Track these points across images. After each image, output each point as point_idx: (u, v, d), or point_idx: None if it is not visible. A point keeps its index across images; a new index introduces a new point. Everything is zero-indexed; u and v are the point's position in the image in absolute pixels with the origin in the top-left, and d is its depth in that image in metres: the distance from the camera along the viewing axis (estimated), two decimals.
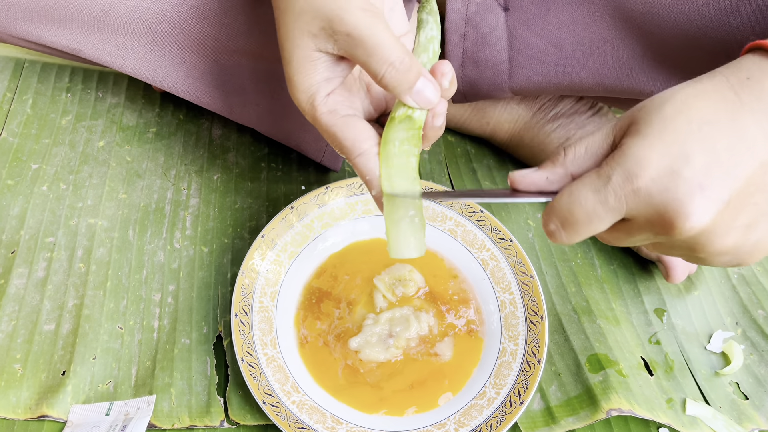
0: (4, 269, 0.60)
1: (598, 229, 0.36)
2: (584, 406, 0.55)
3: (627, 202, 0.34)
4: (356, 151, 0.42)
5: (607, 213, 0.35)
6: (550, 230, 0.37)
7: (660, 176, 0.33)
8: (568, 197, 0.36)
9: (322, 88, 0.42)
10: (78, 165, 0.68)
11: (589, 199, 0.35)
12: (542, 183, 0.38)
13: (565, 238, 0.37)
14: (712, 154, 0.33)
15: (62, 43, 0.57)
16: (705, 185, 0.33)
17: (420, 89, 0.41)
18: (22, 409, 0.53)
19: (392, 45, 0.39)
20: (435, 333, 0.58)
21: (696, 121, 0.34)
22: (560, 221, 0.36)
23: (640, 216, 0.35)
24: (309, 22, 0.40)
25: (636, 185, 0.34)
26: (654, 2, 0.52)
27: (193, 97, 0.62)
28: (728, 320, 0.62)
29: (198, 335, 0.58)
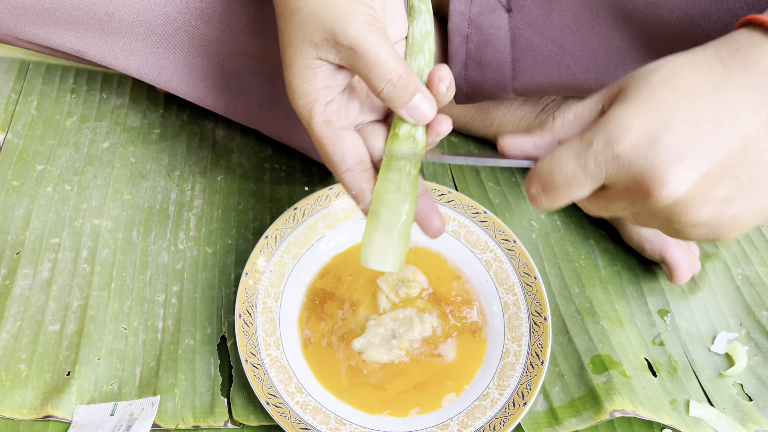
0: (9, 270, 0.61)
1: (578, 195, 0.36)
2: (588, 408, 0.55)
3: (606, 167, 0.34)
4: (343, 166, 0.43)
5: (586, 178, 0.35)
6: (531, 194, 0.37)
7: (640, 143, 0.33)
8: (550, 161, 0.36)
9: (322, 96, 0.42)
10: (82, 166, 0.69)
11: (569, 163, 0.35)
12: (529, 148, 0.38)
13: (545, 202, 0.37)
14: (694, 124, 0.33)
15: (67, 45, 0.58)
16: (684, 154, 0.33)
17: (416, 104, 0.42)
18: (27, 410, 0.53)
19: (393, 62, 0.40)
20: (438, 334, 0.58)
21: (681, 91, 0.34)
22: (541, 185, 0.36)
23: (619, 182, 0.34)
24: (312, 32, 0.40)
25: (616, 151, 0.34)
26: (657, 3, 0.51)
27: (196, 99, 0.62)
28: (732, 321, 0.62)
29: (202, 336, 0.58)
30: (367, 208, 0.44)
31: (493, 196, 0.70)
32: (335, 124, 0.43)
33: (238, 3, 0.55)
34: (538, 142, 0.38)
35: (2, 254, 0.61)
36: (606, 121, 0.34)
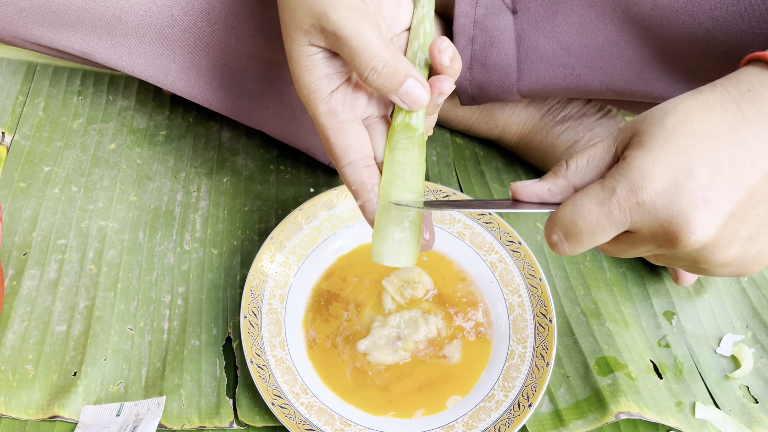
0: (17, 271, 0.61)
1: (601, 241, 0.36)
2: (593, 409, 0.55)
3: (631, 214, 0.34)
4: (345, 160, 0.43)
5: (611, 225, 0.35)
6: (552, 241, 0.37)
7: (664, 189, 0.33)
8: (572, 209, 0.36)
9: (323, 85, 0.42)
10: (89, 167, 0.69)
11: (593, 211, 0.35)
12: (544, 194, 0.38)
13: (568, 249, 0.37)
14: (715, 166, 0.33)
15: (74, 47, 0.58)
16: (708, 198, 0.33)
17: (407, 90, 0.41)
18: (33, 410, 0.54)
19: (376, 48, 0.39)
20: (443, 335, 0.58)
21: (698, 134, 0.34)
22: (563, 232, 0.36)
23: (644, 229, 0.35)
24: (302, 18, 0.40)
25: (641, 198, 0.34)
26: (662, 5, 0.51)
27: (202, 100, 0.62)
28: (738, 323, 0.62)
29: (207, 337, 0.59)
30: (365, 205, 0.43)
31: (498, 197, 0.70)
32: (340, 115, 0.42)
33: (244, 5, 0.55)
34: (553, 187, 0.38)
35: (9, 255, 0.62)
36: (627, 169, 0.34)
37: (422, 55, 0.44)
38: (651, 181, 0.33)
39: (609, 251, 0.38)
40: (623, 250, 0.37)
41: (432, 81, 0.41)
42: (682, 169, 0.33)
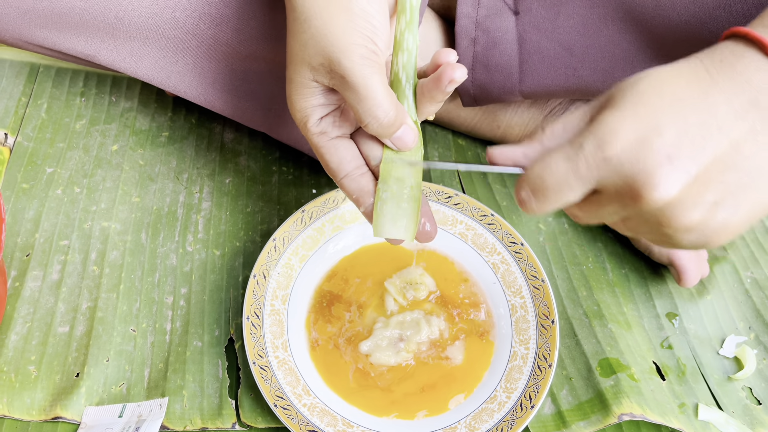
0: (19, 272, 0.61)
1: (569, 199, 0.36)
2: (595, 411, 0.55)
3: (598, 170, 0.34)
4: (341, 173, 0.45)
5: (577, 181, 0.35)
6: (521, 198, 0.37)
7: (631, 145, 0.33)
8: (541, 165, 0.36)
9: (316, 112, 0.44)
10: (92, 169, 0.69)
11: (560, 166, 0.35)
12: (519, 157, 0.39)
13: (535, 206, 0.37)
14: (682, 127, 0.33)
15: (77, 49, 0.58)
16: (674, 157, 0.33)
17: (399, 136, 0.43)
18: (36, 411, 0.54)
19: (381, 99, 0.41)
20: (446, 337, 0.58)
21: (669, 97, 0.34)
22: (531, 189, 0.37)
23: (610, 186, 0.35)
24: (311, 56, 0.41)
25: (607, 153, 0.34)
26: (664, 5, 0.51)
27: (205, 102, 0.62)
28: (741, 325, 0.62)
29: (210, 338, 0.59)
30: (368, 211, 0.46)
31: (501, 198, 0.70)
32: (330, 134, 0.45)
33: (247, 7, 0.55)
34: (527, 151, 0.39)
35: (12, 256, 0.62)
36: (596, 126, 0.35)
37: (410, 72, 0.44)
38: (618, 137, 0.34)
39: (577, 215, 0.38)
40: (591, 212, 0.37)
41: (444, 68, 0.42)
42: (649, 128, 0.33)
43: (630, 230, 0.38)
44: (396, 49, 0.44)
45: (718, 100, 0.34)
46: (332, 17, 0.41)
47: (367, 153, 0.46)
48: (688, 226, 0.34)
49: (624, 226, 0.38)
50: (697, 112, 0.34)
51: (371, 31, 0.41)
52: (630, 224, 0.37)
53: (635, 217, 0.36)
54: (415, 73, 0.45)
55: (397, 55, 0.44)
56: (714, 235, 0.35)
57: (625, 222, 0.37)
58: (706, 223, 0.34)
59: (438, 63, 0.43)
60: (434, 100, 0.44)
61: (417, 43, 0.44)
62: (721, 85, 0.34)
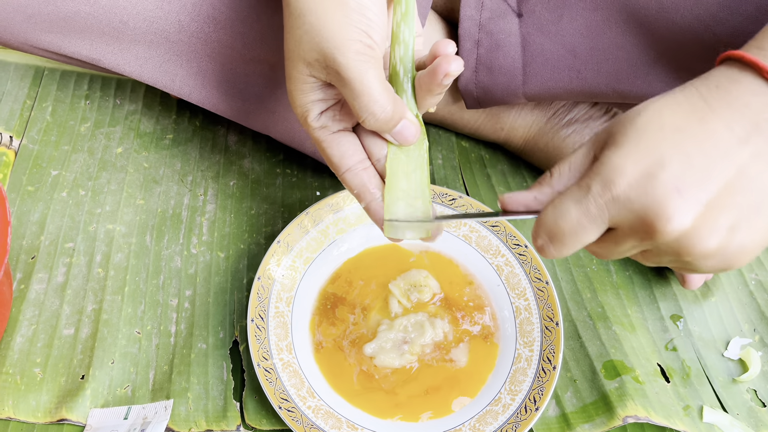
0: (25, 274, 0.61)
1: (585, 240, 0.37)
2: (600, 413, 0.55)
3: (608, 209, 0.35)
4: (343, 167, 0.45)
5: (590, 222, 0.36)
6: (539, 245, 0.38)
7: (637, 181, 0.34)
8: (552, 211, 0.37)
9: (316, 107, 0.44)
10: (96, 171, 0.69)
11: (571, 210, 0.36)
12: (531, 203, 0.39)
13: (554, 252, 0.37)
14: (685, 158, 0.34)
15: (82, 53, 0.58)
16: (681, 188, 0.33)
17: (399, 130, 0.43)
18: (41, 413, 0.54)
19: (377, 94, 0.40)
20: (450, 339, 0.58)
21: (668, 128, 0.35)
22: (547, 235, 0.37)
23: (623, 223, 0.35)
24: (307, 51, 0.41)
25: (615, 192, 0.34)
26: (668, 7, 0.51)
27: (209, 105, 0.62)
28: (746, 327, 0.62)
29: (214, 340, 0.59)
30: (369, 205, 0.45)
31: None
32: (332, 128, 0.44)
33: (250, 11, 0.55)
34: (538, 195, 0.39)
35: (18, 259, 0.62)
36: (600, 165, 0.35)
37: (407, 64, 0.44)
38: (623, 175, 0.34)
39: (598, 253, 0.38)
40: (610, 249, 0.37)
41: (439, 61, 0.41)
42: (652, 162, 0.34)
43: (651, 262, 0.38)
44: (393, 42, 0.43)
45: (718, 128, 0.34)
46: (327, 12, 0.40)
47: (370, 147, 0.45)
48: (708, 253, 0.35)
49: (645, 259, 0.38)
50: (698, 141, 0.34)
51: (367, 25, 0.40)
52: (650, 257, 0.37)
53: (654, 250, 0.36)
54: (413, 66, 0.44)
55: (394, 48, 0.43)
56: (734, 258, 0.35)
57: (645, 255, 0.38)
58: (725, 248, 0.35)
59: (436, 54, 0.42)
60: (432, 93, 0.43)
61: (414, 35, 0.43)
62: (719, 112, 0.35)
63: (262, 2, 0.55)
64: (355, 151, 0.45)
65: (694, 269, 0.37)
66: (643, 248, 0.36)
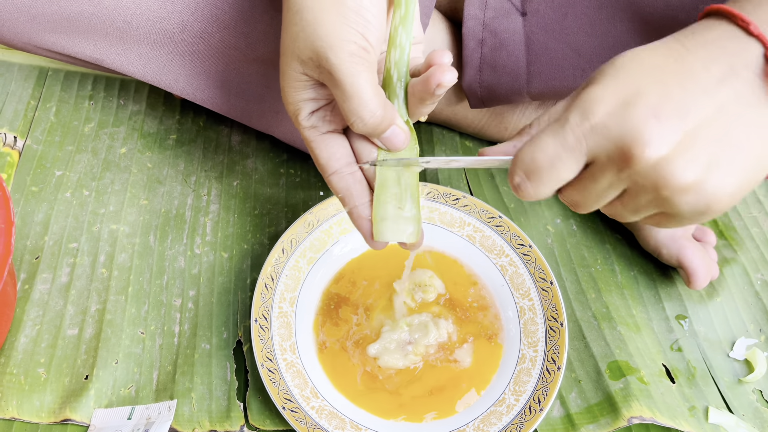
0: (29, 274, 0.61)
1: (563, 175, 0.36)
2: (605, 414, 0.55)
3: (586, 140, 0.35)
4: (330, 169, 0.44)
5: (568, 154, 0.35)
6: (515, 183, 0.37)
7: (615, 109, 0.34)
8: (529, 145, 0.36)
9: (307, 106, 0.43)
10: (100, 171, 0.69)
11: (549, 143, 0.35)
12: (509, 149, 0.39)
13: (531, 189, 0.37)
14: (663, 89, 0.34)
15: (86, 53, 0.58)
16: (659, 114, 0.33)
17: (388, 136, 0.42)
18: (45, 413, 0.54)
19: (367, 98, 0.40)
20: (454, 340, 0.57)
21: (646, 65, 0.35)
22: (524, 171, 0.37)
23: (601, 153, 0.35)
24: (301, 49, 0.40)
25: (593, 121, 0.34)
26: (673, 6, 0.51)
27: (213, 105, 0.62)
28: (751, 327, 0.62)
29: (218, 340, 0.59)
30: (352, 210, 0.45)
31: (509, 200, 0.70)
32: (321, 128, 0.44)
33: (254, 11, 0.55)
34: (516, 143, 0.39)
35: (22, 259, 0.62)
36: (578, 100, 0.35)
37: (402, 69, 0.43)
38: (601, 104, 0.34)
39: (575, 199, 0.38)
40: (588, 190, 0.37)
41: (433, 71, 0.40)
42: (631, 92, 0.34)
43: (629, 209, 0.37)
44: (389, 46, 0.43)
45: (695, 66, 0.34)
46: (323, 10, 0.39)
47: (360, 151, 0.45)
48: (685, 186, 0.34)
49: (623, 206, 0.37)
50: (676, 76, 0.34)
51: (363, 26, 0.40)
52: (628, 200, 0.37)
53: (632, 188, 0.36)
54: (407, 72, 0.43)
55: (390, 51, 0.43)
56: (713, 196, 0.34)
57: (623, 200, 0.37)
58: (703, 183, 0.34)
59: (431, 63, 0.41)
60: (424, 102, 0.42)
61: (411, 39, 0.43)
62: (695, 52, 0.35)
63: (265, 2, 0.55)
64: (343, 154, 0.44)
65: (673, 212, 0.36)
66: (621, 185, 0.36)
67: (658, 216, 0.37)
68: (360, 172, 0.45)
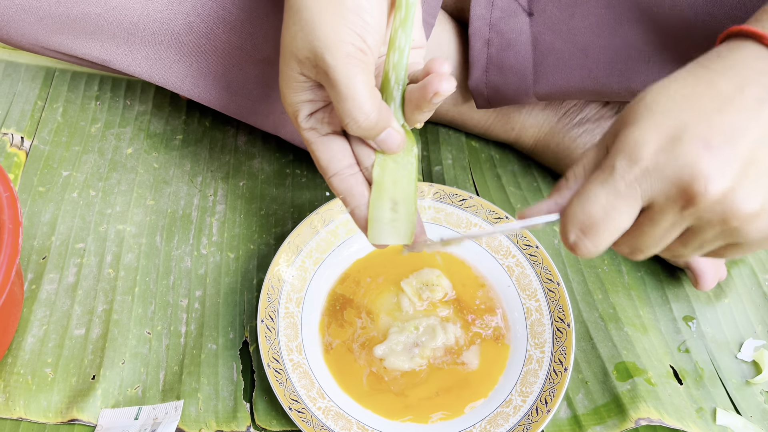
0: (36, 275, 0.61)
1: (620, 225, 0.35)
2: (612, 415, 0.55)
3: (639, 183, 0.34)
4: (331, 171, 0.44)
5: (622, 202, 0.34)
6: (571, 242, 0.36)
7: (663, 148, 0.33)
8: (578, 201, 0.35)
9: (305, 108, 0.43)
10: (107, 172, 0.69)
11: (600, 194, 0.34)
12: (551, 207, 0.38)
13: (590, 245, 0.36)
14: (705, 117, 0.33)
15: (93, 54, 0.58)
16: (711, 145, 0.32)
17: (383, 139, 0.42)
18: (52, 413, 0.54)
19: (362, 100, 0.39)
20: (461, 344, 0.57)
21: (678, 97, 0.34)
22: (579, 228, 0.35)
23: (659, 195, 0.34)
24: (299, 48, 0.40)
25: (642, 165, 0.33)
26: (682, 5, 0.51)
27: (219, 106, 0.62)
28: (759, 328, 0.61)
29: (224, 341, 0.59)
30: (354, 211, 0.45)
31: (515, 201, 0.69)
32: (321, 130, 0.44)
33: (260, 12, 0.55)
34: (558, 200, 0.38)
35: (29, 259, 0.62)
36: (619, 144, 0.34)
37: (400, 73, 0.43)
38: (646, 145, 0.33)
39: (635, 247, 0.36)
40: (648, 234, 0.35)
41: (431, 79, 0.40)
42: (673, 127, 0.33)
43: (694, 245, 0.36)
44: (389, 48, 0.43)
45: (728, 89, 0.33)
46: (322, 10, 0.39)
47: (359, 152, 0.44)
48: (753, 213, 0.33)
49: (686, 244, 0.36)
50: (713, 102, 0.33)
51: (362, 28, 0.39)
52: (692, 237, 0.35)
53: (696, 225, 0.34)
54: (405, 75, 0.43)
55: (389, 54, 0.42)
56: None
57: (686, 237, 0.36)
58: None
59: (429, 71, 0.41)
60: (420, 109, 0.42)
61: (410, 43, 0.42)
62: (724, 74, 0.34)
63: (271, 3, 0.55)
64: (343, 156, 0.44)
65: (743, 241, 0.34)
66: (684, 223, 0.34)
67: (724, 248, 0.36)
68: (361, 173, 0.45)
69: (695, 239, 0.36)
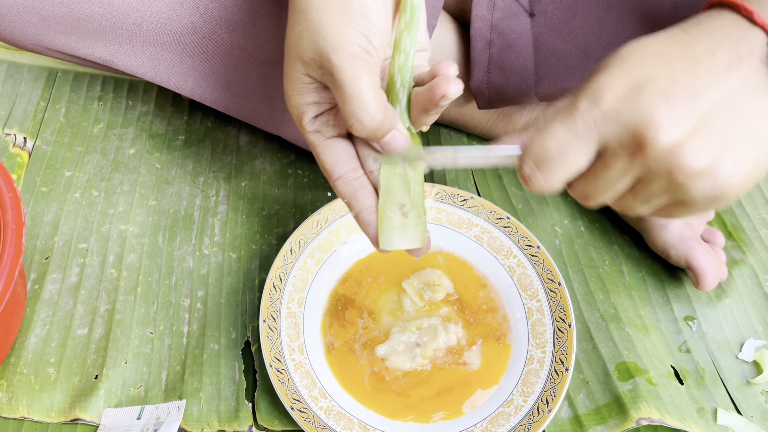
0: (39, 275, 0.62)
1: (574, 164, 0.36)
2: (613, 415, 0.55)
3: (597, 126, 0.34)
4: (335, 174, 0.44)
5: (578, 142, 0.35)
6: (525, 174, 0.37)
7: (624, 95, 0.34)
8: (539, 135, 0.36)
9: (310, 110, 0.43)
10: (109, 172, 0.70)
11: (558, 131, 0.35)
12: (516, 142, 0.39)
13: (541, 179, 0.36)
14: (671, 73, 0.34)
15: (95, 55, 0.59)
16: (670, 98, 0.33)
17: (388, 141, 0.42)
18: (55, 413, 0.54)
19: (367, 101, 0.39)
20: (463, 344, 0.57)
21: (651, 52, 0.35)
22: (534, 161, 0.36)
23: (612, 139, 0.34)
24: (304, 49, 0.40)
25: (602, 108, 0.34)
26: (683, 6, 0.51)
27: (221, 106, 0.63)
28: (760, 328, 0.61)
29: (227, 340, 0.59)
30: (359, 214, 0.45)
31: (516, 201, 0.70)
32: (326, 133, 0.44)
33: (262, 12, 0.55)
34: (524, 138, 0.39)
35: (32, 259, 0.63)
36: (586, 87, 0.35)
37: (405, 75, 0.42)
38: (610, 91, 0.34)
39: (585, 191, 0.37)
40: (599, 180, 0.36)
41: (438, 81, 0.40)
42: (639, 77, 0.34)
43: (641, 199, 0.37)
44: (394, 50, 0.42)
45: (701, 52, 0.34)
46: (328, 11, 0.39)
47: (363, 155, 0.44)
48: (699, 170, 0.34)
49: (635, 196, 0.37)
50: (682, 61, 0.34)
51: (368, 29, 0.39)
52: (641, 188, 0.36)
53: (645, 175, 0.35)
54: (411, 78, 0.43)
55: (395, 56, 0.42)
56: (727, 182, 0.34)
57: (635, 190, 0.36)
58: (717, 168, 0.34)
59: (436, 74, 0.41)
60: (427, 112, 0.42)
61: (416, 45, 0.42)
62: (699, 39, 0.35)
63: (273, 4, 0.55)
64: (348, 159, 0.44)
65: (686, 198, 0.35)
66: (634, 171, 0.35)
67: (670, 206, 0.37)
68: (365, 177, 0.45)
69: (643, 191, 0.36)
